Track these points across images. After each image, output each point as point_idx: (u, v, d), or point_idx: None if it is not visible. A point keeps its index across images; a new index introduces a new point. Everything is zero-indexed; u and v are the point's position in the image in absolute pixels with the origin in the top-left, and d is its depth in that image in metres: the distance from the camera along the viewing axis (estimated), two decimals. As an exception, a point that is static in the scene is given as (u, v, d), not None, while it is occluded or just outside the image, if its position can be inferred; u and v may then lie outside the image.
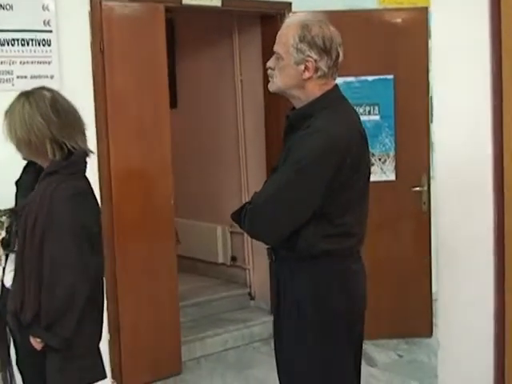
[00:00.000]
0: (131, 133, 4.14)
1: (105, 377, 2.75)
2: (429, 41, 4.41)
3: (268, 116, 5.07)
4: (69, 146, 2.59)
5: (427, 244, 4.70)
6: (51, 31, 3.78)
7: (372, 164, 4.69)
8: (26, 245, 2.54)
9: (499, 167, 2.99)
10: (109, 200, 4.06)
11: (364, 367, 2.74)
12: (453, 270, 3.25)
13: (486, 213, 3.05)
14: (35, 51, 3.74)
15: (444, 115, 3.25)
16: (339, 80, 2.41)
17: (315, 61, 2.35)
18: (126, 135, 4.12)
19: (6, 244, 2.68)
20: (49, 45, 3.78)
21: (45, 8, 3.75)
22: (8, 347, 2.81)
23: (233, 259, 5.71)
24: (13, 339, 2.80)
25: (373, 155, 4.69)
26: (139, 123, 4.17)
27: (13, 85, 3.67)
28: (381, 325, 4.59)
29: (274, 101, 4.42)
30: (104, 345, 4.02)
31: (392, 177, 4.75)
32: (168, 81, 4.37)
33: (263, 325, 4.97)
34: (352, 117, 2.45)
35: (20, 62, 3.71)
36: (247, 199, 2.47)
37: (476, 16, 2.98)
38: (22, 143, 2.59)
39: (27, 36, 3.71)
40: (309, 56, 2.34)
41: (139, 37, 4.13)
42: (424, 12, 4.50)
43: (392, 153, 4.72)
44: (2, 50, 3.65)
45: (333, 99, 2.40)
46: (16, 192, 2.82)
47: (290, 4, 4.68)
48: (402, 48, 4.64)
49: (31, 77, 3.74)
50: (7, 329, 2.76)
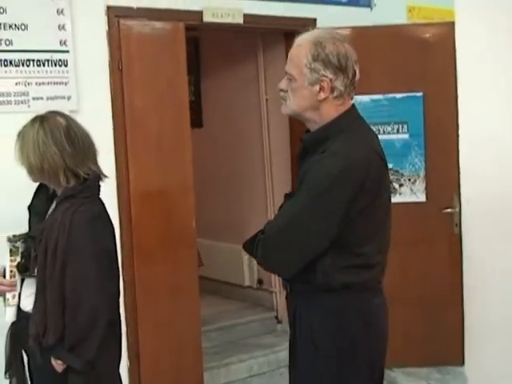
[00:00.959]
0: (151, 153, 4.04)
1: None
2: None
3: (293, 135, 4.91)
4: (82, 174, 2.62)
5: (459, 268, 4.49)
6: (68, 51, 3.70)
7: (401, 185, 4.54)
8: (48, 269, 2.55)
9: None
10: (128, 222, 3.96)
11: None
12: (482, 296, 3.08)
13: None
14: (51, 72, 3.67)
15: (470, 132, 3.10)
16: (366, 98, 2.28)
17: (331, 80, 2.22)
18: (146, 156, 4.02)
19: (23, 269, 2.69)
20: (65, 65, 3.70)
21: (61, 28, 3.67)
22: (24, 370, 2.78)
23: (259, 282, 5.56)
24: (28, 363, 2.78)
25: (402, 175, 4.53)
26: (159, 143, 4.07)
27: (29, 106, 3.60)
28: (411, 352, 4.41)
29: (300, 120, 4.28)
30: (123, 372, 3.93)
31: (422, 198, 4.56)
32: (193, 100, 4.28)
33: (290, 350, 4.80)
34: (370, 139, 2.31)
35: (36, 83, 3.63)
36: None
37: (500, 30, 2.83)
38: (35, 169, 2.60)
39: (43, 56, 3.64)
40: (324, 75, 2.21)
41: (159, 55, 4.03)
42: (452, 27, 4.34)
43: (422, 173, 4.54)
44: (18, 71, 3.58)
45: (350, 121, 2.27)
46: (29, 216, 2.80)
47: (315, 20, 4.54)
48: (432, 64, 4.48)
49: (47, 98, 3.66)
50: (23, 352, 2.77)
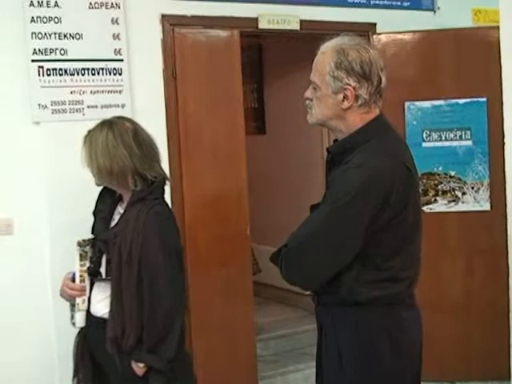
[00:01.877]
0: (205, 160, 4.05)
1: None
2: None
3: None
4: (150, 177, 2.68)
5: (525, 279, 4.31)
6: (122, 60, 3.75)
7: (464, 193, 4.39)
8: (123, 272, 2.59)
9: None
10: (181, 227, 3.92)
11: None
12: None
13: None
14: (106, 80, 3.73)
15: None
16: (426, 103, 2.18)
17: (354, 88, 2.16)
18: (200, 162, 4.04)
19: (93, 273, 2.73)
20: (120, 74, 3.76)
21: (115, 37, 3.73)
22: (93, 376, 2.80)
23: (320, 290, 5.48)
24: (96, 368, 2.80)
25: (465, 183, 4.39)
26: (213, 150, 4.08)
27: (83, 114, 3.67)
28: (471, 366, 4.25)
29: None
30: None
31: (486, 207, 4.40)
32: (256, 107, 4.27)
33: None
34: (398, 148, 2.23)
35: (91, 92, 3.70)
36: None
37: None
38: (104, 172, 2.66)
39: (98, 65, 3.70)
40: (347, 84, 2.16)
41: (214, 63, 4.04)
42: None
43: (486, 181, 4.39)
44: (73, 80, 3.65)
45: (376, 130, 2.20)
46: (94, 221, 2.85)
47: (375, 25, 4.46)
48: (497, 68, 4.31)
49: (102, 106, 3.72)
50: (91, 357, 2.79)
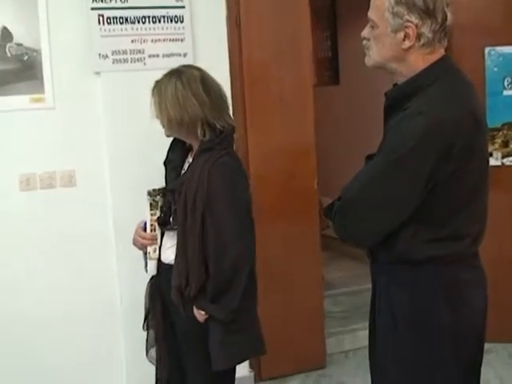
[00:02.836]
0: (270, 111, 3.91)
1: (264, 352, 2.76)
2: None
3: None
4: (219, 126, 2.62)
5: None
6: (184, 7, 3.63)
7: None
8: (188, 221, 2.57)
9: None
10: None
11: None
12: None
13: None
14: (167, 28, 3.62)
15: None
16: (509, 49, 1.94)
17: (416, 26, 1.96)
18: (265, 114, 3.90)
19: (163, 222, 2.73)
20: (181, 21, 3.64)
21: (176, -17, 3.62)
22: (163, 323, 2.79)
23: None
24: (167, 315, 2.79)
25: None
26: (279, 101, 3.92)
27: (144, 64, 3.58)
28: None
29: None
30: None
31: None
32: (329, 56, 4.10)
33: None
34: (465, 95, 2.01)
35: (151, 41, 3.60)
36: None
37: None
38: (174, 122, 2.62)
39: (158, 13, 3.59)
40: (408, 21, 1.96)
41: (280, 9, 3.87)
42: None
43: None
44: (133, 28, 3.55)
45: (440, 72, 1.99)
46: (165, 171, 2.83)
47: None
48: None
49: (163, 55, 3.62)
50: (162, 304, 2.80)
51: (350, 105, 5.49)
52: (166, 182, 2.79)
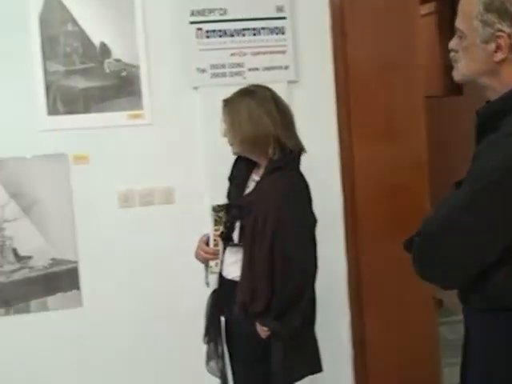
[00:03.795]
0: (378, 125, 3.66)
1: (321, 370, 2.79)
2: None
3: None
4: (289, 146, 2.68)
5: None
6: (285, 18, 3.49)
7: None
8: (257, 240, 2.63)
9: None
10: (351, 195, 3.67)
11: None
12: None
13: None
14: (268, 40, 3.49)
15: None
16: None
17: (509, 36, 1.72)
18: (372, 127, 3.65)
19: (226, 238, 2.78)
20: (282, 33, 3.50)
21: (277, -7, 3.48)
22: (221, 336, 2.90)
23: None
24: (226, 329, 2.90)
25: None
26: (387, 114, 3.67)
27: (244, 78, 3.46)
28: None
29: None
30: (346, 362, 3.71)
31: None
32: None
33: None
34: None
35: (251, 53, 3.49)
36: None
37: None
38: (247, 140, 2.69)
39: (259, 25, 3.46)
40: (500, 30, 1.72)
41: (387, 17, 3.63)
42: None
43: None
44: (233, 41, 3.45)
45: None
46: (229, 187, 2.89)
47: None
48: None
49: (263, 68, 3.49)
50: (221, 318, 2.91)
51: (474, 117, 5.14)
52: (229, 198, 2.85)
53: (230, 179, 2.87)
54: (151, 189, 3.47)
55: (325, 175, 3.59)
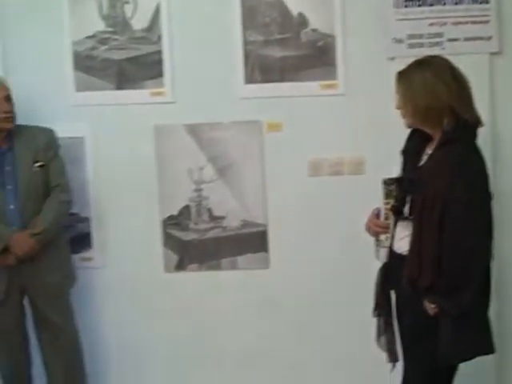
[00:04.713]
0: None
1: (494, 351, 2.67)
2: None
3: None
4: (465, 117, 2.56)
5: None
6: (490, -14, 3.32)
7: None
8: (424, 217, 2.56)
9: None
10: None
11: None
12: None
13: None
14: (470, 10, 3.34)
15: None
16: None
17: None
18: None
19: (397, 212, 2.73)
20: (486, 2, 3.33)
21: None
22: (391, 310, 2.84)
23: None
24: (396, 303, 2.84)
25: None
26: None
27: (443, 48, 3.35)
28: None
29: None
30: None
31: None
32: None
33: None
34: None
35: (452, 23, 3.36)
36: None
37: None
38: (421, 110, 2.61)
39: (463, -7, 3.34)
40: None
41: None
42: None
43: None
44: (432, 11, 3.35)
45: None
46: (403, 160, 2.81)
47: None
48: None
49: (464, 39, 3.36)
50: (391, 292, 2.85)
51: None
52: (403, 171, 2.77)
53: (404, 152, 2.81)
54: (341, 159, 3.50)
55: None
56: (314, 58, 3.43)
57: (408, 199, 2.66)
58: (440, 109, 2.55)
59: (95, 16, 3.52)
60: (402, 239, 2.69)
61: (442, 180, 2.50)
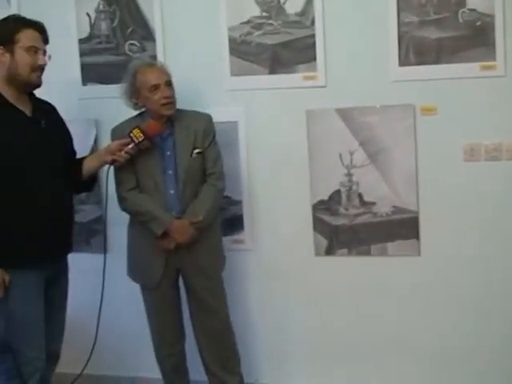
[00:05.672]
0: None
1: None
2: None
3: None
4: None
5: None
6: None
7: None
8: None
9: None
10: None
11: None
12: None
13: None
14: None
15: None
16: None
17: None
18: None
19: None
20: None
21: None
22: None
23: None
24: None
25: None
26: None
27: None
28: None
29: None
30: None
31: None
32: None
33: None
34: None
35: None
36: None
37: None
38: None
39: None
40: None
41: None
42: None
43: None
44: None
45: None
46: None
47: None
48: None
49: None
50: None
51: None
52: None
53: None
54: (499, 144, 3.35)
55: None
56: (473, 39, 3.29)
57: None
58: None
59: (251, 2, 3.58)
60: None
61: None
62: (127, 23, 3.82)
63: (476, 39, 3.30)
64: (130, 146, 3.26)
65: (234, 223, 3.79)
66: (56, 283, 3.20)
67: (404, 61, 3.40)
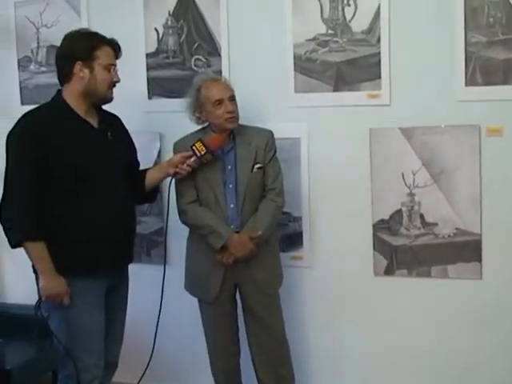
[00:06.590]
0: None
1: None
2: None
3: None
4: None
5: None
6: None
7: None
8: None
9: None
10: None
11: None
12: None
13: None
14: None
15: None
16: None
17: None
18: None
19: None
20: None
21: None
22: None
23: None
24: None
25: None
26: None
27: None
28: None
29: None
30: None
31: None
32: None
33: None
34: None
35: None
36: None
37: None
38: None
39: None
40: None
41: None
42: None
43: None
44: None
45: None
46: None
47: None
48: None
49: None
50: None
51: None
52: None
53: None
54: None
55: None
56: None
57: None
58: None
59: (317, 19, 3.59)
60: None
61: None
62: (194, 38, 3.88)
63: (545, 61, 3.24)
64: (192, 159, 3.29)
65: (294, 239, 3.79)
66: (116, 292, 3.24)
67: (470, 81, 3.36)
